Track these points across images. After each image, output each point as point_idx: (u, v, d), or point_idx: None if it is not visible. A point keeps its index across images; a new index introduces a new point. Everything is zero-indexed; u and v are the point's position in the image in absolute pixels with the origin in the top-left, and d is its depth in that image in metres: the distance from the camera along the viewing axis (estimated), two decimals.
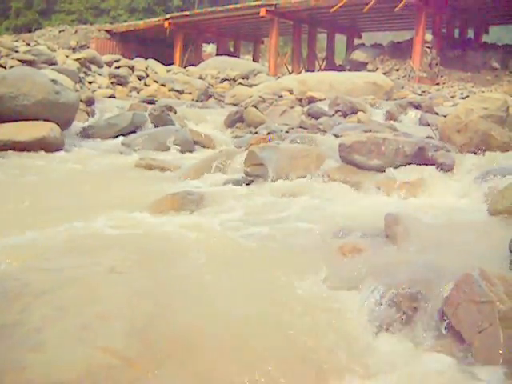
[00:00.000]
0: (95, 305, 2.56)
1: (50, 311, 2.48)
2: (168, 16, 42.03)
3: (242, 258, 3.33)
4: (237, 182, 5.40)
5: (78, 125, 9.03)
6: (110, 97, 13.96)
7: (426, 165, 5.42)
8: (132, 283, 2.82)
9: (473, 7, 33.77)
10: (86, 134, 8.73)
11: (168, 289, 2.80)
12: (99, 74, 15.89)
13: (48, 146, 7.38)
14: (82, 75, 14.47)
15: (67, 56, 16.23)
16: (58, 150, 7.47)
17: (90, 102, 10.88)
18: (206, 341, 2.36)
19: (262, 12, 34.78)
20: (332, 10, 31.79)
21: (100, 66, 16.76)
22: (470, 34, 39.04)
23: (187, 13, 42.54)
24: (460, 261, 2.97)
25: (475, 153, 5.92)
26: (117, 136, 8.63)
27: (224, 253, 3.39)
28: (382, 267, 2.97)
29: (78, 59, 15.44)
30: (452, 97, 21.35)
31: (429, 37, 31.52)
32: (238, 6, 39.54)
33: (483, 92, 24.21)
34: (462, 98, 20.03)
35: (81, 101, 10.11)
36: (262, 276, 3.05)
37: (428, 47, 31.28)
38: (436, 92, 23.24)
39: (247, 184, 5.40)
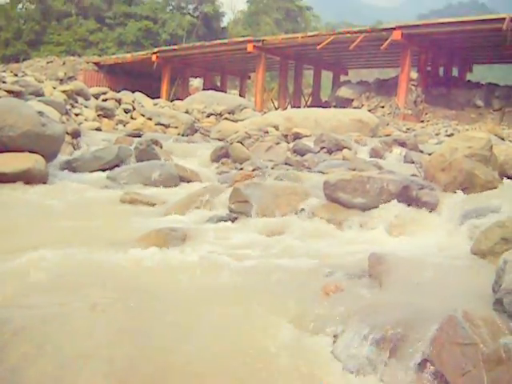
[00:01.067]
0: (75, 343, 2.54)
1: (29, 349, 2.46)
2: (156, 50, 42.29)
3: (224, 297, 3.31)
4: (221, 219, 5.40)
5: (63, 157, 9.00)
6: (96, 129, 13.95)
7: (411, 203, 5.45)
8: (113, 321, 2.80)
9: (457, 46, 34.21)
10: (71, 166, 8.70)
11: (149, 327, 2.79)
12: (86, 107, 15.90)
13: (32, 178, 7.34)
14: (68, 107, 14.46)
15: (54, 87, 16.23)
16: (43, 183, 7.42)
17: (75, 135, 10.88)
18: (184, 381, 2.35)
19: (250, 48, 35.04)
20: (319, 47, 32.10)
21: (87, 99, 16.77)
22: (455, 72, 39.52)
23: (175, 47, 42.84)
24: (443, 302, 2.98)
25: (459, 192, 5.95)
26: (102, 169, 8.61)
27: (205, 291, 3.37)
28: (365, 308, 2.96)
29: (65, 91, 15.44)
30: (437, 134, 21.53)
31: (414, 74, 31.86)
32: (226, 41, 39.86)
33: (467, 129, 24.45)
34: (447, 136, 20.21)
35: (67, 133, 10.10)
36: (242, 315, 3.03)
37: (413, 85, 31.60)
38: (421, 129, 23.43)
39: (232, 221, 5.40)
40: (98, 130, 14.11)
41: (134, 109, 17.62)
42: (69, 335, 2.60)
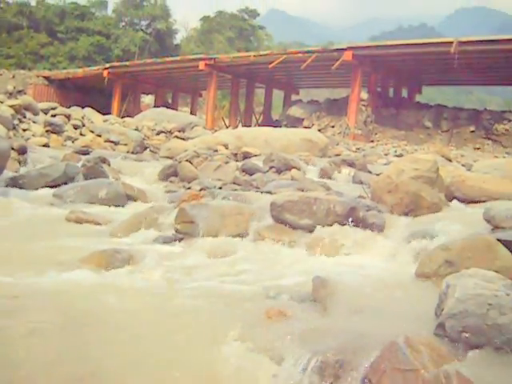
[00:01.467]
0: (11, 370, 2.48)
1: None
2: (107, 65, 42.13)
3: (164, 320, 3.27)
4: (167, 240, 5.34)
5: (8, 174, 8.85)
6: (44, 145, 13.75)
7: (357, 225, 5.47)
8: (52, 346, 2.73)
9: (407, 68, 34.75)
10: (16, 183, 8.53)
11: (89, 352, 2.73)
12: (34, 122, 15.66)
13: None
14: (16, 122, 14.24)
15: (2, 102, 15.97)
16: None
17: (22, 151, 10.69)
18: None
19: (201, 65, 35.12)
20: (270, 66, 32.29)
21: (36, 114, 16.54)
22: (404, 93, 40.15)
23: (127, 63, 42.72)
24: (387, 326, 2.99)
25: (406, 213, 6.00)
26: (48, 187, 8.47)
27: (146, 314, 3.33)
28: (308, 333, 2.95)
29: (13, 106, 15.17)
30: (386, 154, 21.74)
31: (364, 95, 32.25)
32: (178, 58, 39.87)
33: (416, 150, 24.78)
34: (396, 156, 20.44)
35: (13, 149, 9.93)
36: (184, 340, 3.00)
37: (363, 105, 31.98)
38: (370, 149, 23.66)
39: (178, 241, 5.36)
40: (46, 146, 13.91)
41: (84, 125, 17.43)
42: (4, 362, 2.54)
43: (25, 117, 15.44)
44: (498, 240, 3.94)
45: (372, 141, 31.04)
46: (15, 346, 2.70)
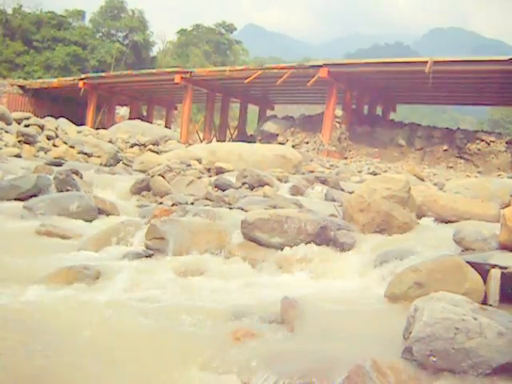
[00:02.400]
0: None
1: None
2: (83, 76, 42.03)
3: (128, 339, 3.24)
4: (137, 256, 5.29)
5: None
6: (15, 156, 13.63)
7: (328, 244, 5.48)
8: (12, 367, 2.68)
9: (382, 86, 35.01)
10: None
11: (52, 373, 2.69)
12: (6, 132, 15.54)
13: None
14: None
15: None
16: None
17: None
18: None
19: (177, 79, 35.17)
20: (246, 81, 32.39)
21: (8, 123, 16.42)
22: (379, 111, 40.47)
23: (102, 74, 42.69)
24: (354, 348, 2.98)
25: (377, 233, 6.01)
26: (19, 199, 8.38)
27: (111, 334, 3.28)
28: (275, 355, 2.93)
29: None
30: (359, 171, 21.86)
31: (339, 112, 32.44)
32: (154, 71, 39.88)
33: (389, 167, 24.92)
34: (369, 173, 20.53)
35: None
36: (146, 363, 2.97)
37: (338, 122, 32.19)
38: (344, 166, 23.76)
39: (148, 257, 5.31)
40: (18, 156, 13.78)
41: (57, 136, 17.32)
42: None
43: None
44: (468, 262, 3.96)
45: (346, 158, 31.21)
46: None
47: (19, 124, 17.19)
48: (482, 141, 30.75)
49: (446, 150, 31.40)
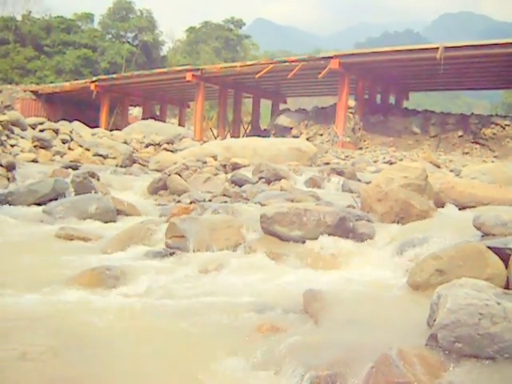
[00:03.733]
0: None
1: None
2: (95, 78, 42.15)
3: (157, 338, 3.26)
4: (158, 255, 5.32)
5: None
6: (32, 161, 13.68)
7: (348, 235, 5.48)
8: (44, 371, 2.70)
9: (393, 74, 34.88)
10: (5, 200, 8.49)
11: (83, 376, 2.71)
12: (22, 137, 15.57)
13: None
14: (4, 138, 14.17)
15: None
16: None
17: (10, 167, 10.64)
18: None
19: (189, 77, 35.16)
20: (257, 75, 32.34)
21: (23, 129, 16.46)
22: (392, 99, 40.29)
23: (114, 76, 42.72)
24: (379, 338, 2.98)
25: (396, 222, 6.00)
26: (38, 203, 8.44)
27: (140, 332, 3.31)
28: (301, 347, 2.94)
29: (0, 121, 15.12)
30: (375, 161, 21.78)
31: (352, 102, 32.34)
32: (165, 70, 39.87)
33: (405, 156, 24.84)
34: (385, 163, 20.48)
35: (1, 165, 9.91)
36: (176, 358, 2.99)
37: (351, 112, 32.09)
38: (359, 157, 23.69)
39: (169, 256, 5.34)
40: (35, 161, 13.83)
41: (72, 139, 17.36)
42: None
43: (13, 132, 15.36)
44: (488, 247, 3.94)
45: (361, 148, 31.14)
46: (7, 369, 2.67)
47: (34, 129, 17.24)
48: (497, 125, 30.61)
49: (461, 136, 31.27)
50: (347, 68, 30.69)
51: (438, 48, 27.05)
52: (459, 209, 6.80)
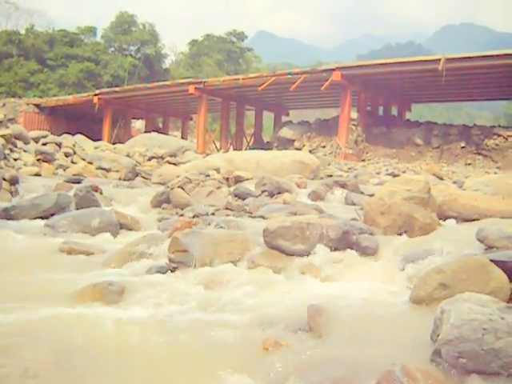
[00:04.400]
0: None
1: None
2: (97, 91, 42.28)
3: (159, 355, 3.24)
4: (161, 269, 5.31)
5: (0, 205, 8.82)
6: (35, 175, 13.72)
7: (351, 249, 5.46)
8: None
9: (396, 86, 34.98)
10: (8, 214, 8.49)
11: None
12: (25, 151, 15.60)
13: None
14: (7, 152, 14.20)
15: None
16: None
17: (13, 181, 10.66)
18: None
19: (191, 89, 35.26)
20: (260, 88, 32.43)
21: (26, 142, 16.49)
22: (394, 111, 40.37)
23: (116, 89, 42.82)
24: (383, 353, 2.98)
25: (399, 235, 5.99)
26: (41, 217, 8.45)
27: (143, 349, 3.31)
28: (305, 364, 2.94)
29: (3, 135, 15.10)
30: (377, 173, 21.74)
31: (354, 114, 32.41)
32: (168, 83, 39.99)
33: (407, 168, 24.85)
34: (388, 174, 20.45)
35: (4, 179, 9.92)
36: (179, 375, 2.99)
37: (354, 124, 32.16)
38: (362, 168, 23.68)
39: (171, 271, 5.33)
40: (38, 175, 13.88)
41: (75, 153, 17.40)
42: None
43: (16, 146, 15.40)
44: (492, 260, 3.94)
45: (363, 160, 31.16)
46: None
47: (37, 143, 17.27)
48: (500, 136, 30.60)
49: (463, 147, 31.29)
50: (349, 80, 30.76)
51: (439, 59, 27.12)
52: (462, 221, 6.79)
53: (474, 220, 6.67)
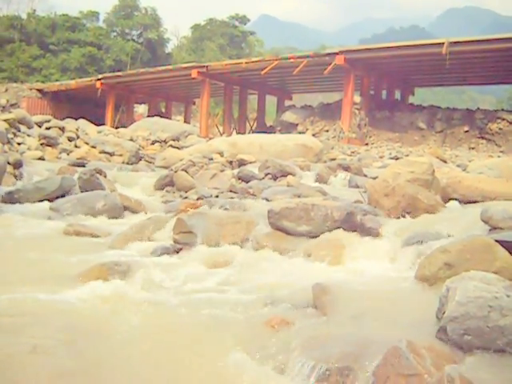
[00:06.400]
0: None
1: None
2: (100, 76, 42.08)
3: (167, 333, 3.28)
4: (166, 250, 5.34)
5: (5, 189, 8.82)
6: (39, 159, 13.72)
7: (355, 230, 5.47)
8: (55, 364, 2.72)
9: (399, 70, 34.85)
10: (12, 198, 8.50)
11: (93, 369, 2.73)
12: (28, 135, 15.60)
13: None
14: (10, 136, 14.20)
15: None
16: None
17: (17, 165, 10.67)
18: None
19: (194, 74, 35.13)
20: (262, 72, 32.33)
21: (30, 127, 16.49)
22: (397, 95, 40.19)
23: (119, 73, 42.72)
24: (388, 331, 2.99)
25: (403, 216, 6.00)
26: (45, 200, 8.46)
27: (149, 327, 3.33)
28: (311, 340, 2.95)
29: (6, 120, 15.09)
30: (381, 157, 21.73)
31: (357, 98, 32.24)
32: (170, 67, 39.85)
33: (410, 151, 24.80)
34: (391, 158, 20.44)
35: (8, 163, 9.93)
36: (186, 353, 3.00)
37: (357, 108, 31.99)
38: (365, 152, 23.65)
39: (176, 252, 5.35)
40: (41, 159, 13.87)
41: (78, 137, 17.40)
42: (7, 380, 2.53)
43: (19, 130, 15.40)
44: (496, 241, 3.94)
45: (367, 144, 31.09)
46: (19, 363, 2.69)
47: (40, 127, 17.29)
48: (503, 120, 30.50)
49: (466, 132, 31.19)
50: (352, 64, 30.64)
51: (443, 43, 27.00)
52: (466, 203, 6.80)
53: (477, 202, 6.66)
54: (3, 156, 8.94)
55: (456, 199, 6.94)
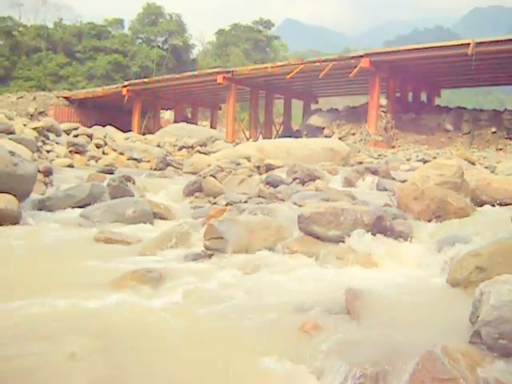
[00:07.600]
0: None
1: None
2: (126, 83, 42.34)
3: (202, 340, 3.29)
4: (197, 257, 5.36)
5: (36, 196, 8.91)
6: (68, 166, 13.85)
7: (385, 234, 5.46)
8: (93, 370, 2.75)
9: (425, 72, 34.68)
10: (43, 205, 8.60)
11: (130, 375, 2.76)
12: (57, 143, 15.75)
13: (4, 219, 7.24)
14: (40, 144, 14.34)
15: (25, 125, 16.02)
16: (15, 223, 7.33)
17: (47, 173, 10.79)
18: None
19: (219, 79, 35.24)
20: (288, 76, 32.34)
21: (58, 135, 16.63)
22: (423, 97, 40.00)
23: (145, 80, 42.96)
24: (422, 335, 2.99)
25: (432, 220, 5.98)
26: (75, 207, 8.53)
27: (184, 334, 3.35)
28: (345, 345, 2.96)
29: (36, 128, 15.23)
30: (408, 160, 21.61)
31: (383, 101, 32.11)
32: (196, 73, 40.03)
33: (438, 153, 24.65)
34: (418, 161, 20.33)
35: (39, 171, 10.03)
36: (222, 358, 3.02)
37: (383, 111, 31.86)
38: (392, 155, 23.53)
39: (208, 257, 5.37)
40: (70, 166, 14.00)
41: (106, 144, 17.53)
42: None
43: (48, 138, 15.54)
44: None
45: (393, 146, 30.96)
46: (58, 370, 2.73)
47: (68, 135, 17.44)
48: None
49: (494, 133, 30.95)
50: (378, 66, 30.55)
51: (469, 44, 26.83)
52: (496, 205, 6.75)
53: (507, 204, 6.62)
54: (34, 164, 9.02)
55: (485, 201, 6.90)
